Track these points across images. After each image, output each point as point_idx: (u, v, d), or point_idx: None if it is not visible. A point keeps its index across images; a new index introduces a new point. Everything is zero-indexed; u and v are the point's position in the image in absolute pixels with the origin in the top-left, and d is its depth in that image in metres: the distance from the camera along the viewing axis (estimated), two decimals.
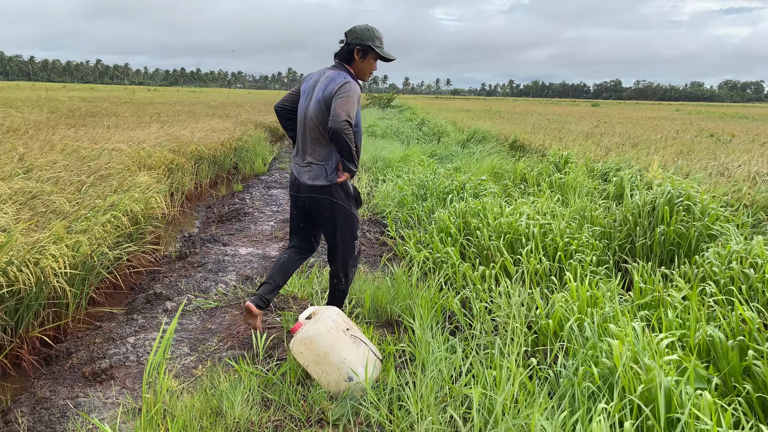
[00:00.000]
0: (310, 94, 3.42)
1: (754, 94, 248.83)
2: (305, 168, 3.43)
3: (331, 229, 3.52)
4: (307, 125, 3.40)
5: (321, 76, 3.42)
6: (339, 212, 3.46)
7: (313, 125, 3.35)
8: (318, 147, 3.37)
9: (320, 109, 3.30)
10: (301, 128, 3.48)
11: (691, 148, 11.93)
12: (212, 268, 5.11)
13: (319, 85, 3.37)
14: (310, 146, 3.41)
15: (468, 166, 9.89)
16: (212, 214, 7.93)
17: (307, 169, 3.42)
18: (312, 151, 3.40)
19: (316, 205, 3.45)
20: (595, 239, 5.34)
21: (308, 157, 3.42)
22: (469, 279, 4.63)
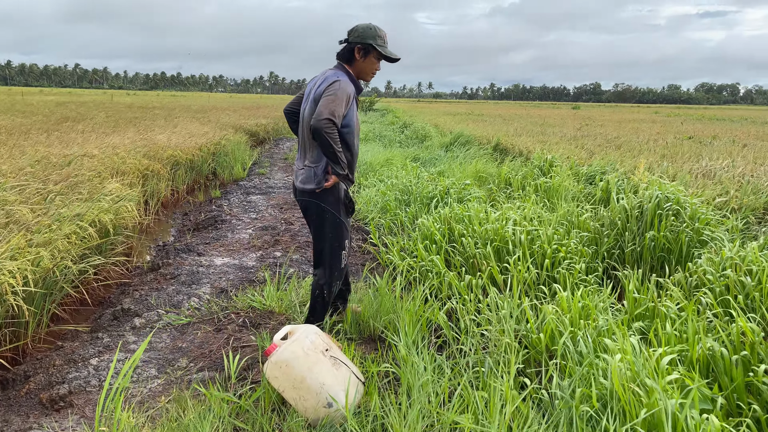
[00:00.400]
0: (308, 96, 3.34)
1: (729, 96, 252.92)
2: (300, 170, 3.37)
3: (317, 234, 3.42)
4: (304, 127, 3.34)
5: (321, 77, 3.34)
6: (326, 218, 3.35)
7: (307, 127, 3.29)
8: (311, 149, 3.30)
9: (312, 110, 3.23)
10: (300, 131, 3.44)
11: (674, 151, 11.89)
12: (186, 281, 4.86)
13: (316, 85, 3.29)
14: (305, 148, 3.35)
15: (452, 170, 9.72)
16: (188, 222, 7.66)
17: (302, 171, 3.35)
18: (307, 153, 3.34)
19: (306, 209, 3.40)
20: (583, 245, 5.19)
21: (304, 160, 3.36)
22: (456, 289, 4.44)
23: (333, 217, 3.35)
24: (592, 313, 3.63)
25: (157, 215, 8.27)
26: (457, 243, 5.59)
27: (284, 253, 5.64)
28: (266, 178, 10.82)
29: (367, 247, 6.04)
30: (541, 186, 7.51)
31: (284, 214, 7.42)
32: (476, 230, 5.44)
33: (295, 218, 7.08)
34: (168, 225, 7.88)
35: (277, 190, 9.42)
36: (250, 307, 4.12)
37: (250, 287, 4.63)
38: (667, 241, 4.87)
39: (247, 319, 3.92)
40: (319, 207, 3.33)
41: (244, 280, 4.85)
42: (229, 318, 3.99)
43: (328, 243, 3.39)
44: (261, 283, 4.74)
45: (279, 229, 6.59)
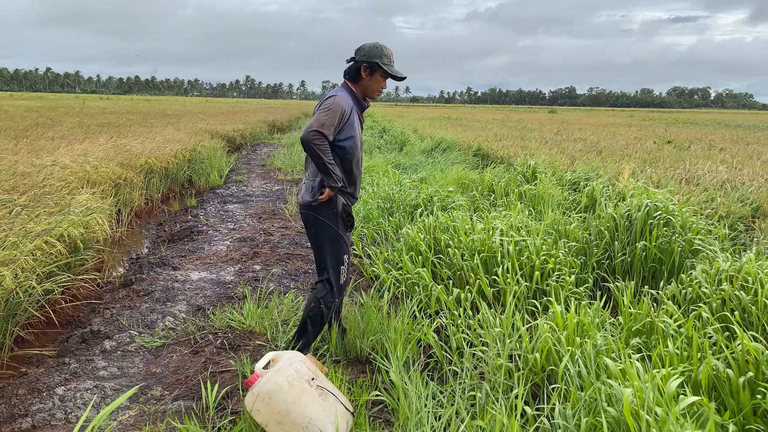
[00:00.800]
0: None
1: (701, 100, 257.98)
2: (302, 184, 3.40)
3: (316, 248, 3.38)
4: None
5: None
6: (324, 232, 3.32)
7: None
8: (310, 165, 3.34)
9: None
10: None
11: (654, 156, 11.91)
12: (160, 297, 4.61)
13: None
14: (306, 164, 3.40)
15: (434, 177, 9.58)
16: (163, 233, 7.38)
17: (303, 185, 3.37)
18: (307, 168, 3.39)
19: (305, 222, 3.38)
20: (572, 256, 5.06)
21: (307, 174, 3.38)
22: (444, 304, 4.27)
23: (331, 230, 3.30)
24: (589, 329, 3.49)
25: (131, 226, 7.97)
26: (444, 254, 5.43)
27: (264, 266, 5.43)
28: (244, 185, 10.56)
29: None
30: (525, 193, 7.40)
31: (263, 224, 7.19)
32: (462, 241, 5.28)
33: (275, 229, 6.86)
34: (142, 236, 7.60)
35: (255, 198, 9.18)
36: (228, 327, 3.90)
37: (229, 305, 4.41)
38: (659, 251, 4.76)
39: (225, 341, 3.70)
40: (316, 220, 3.30)
41: (221, 297, 4.62)
42: (206, 339, 3.77)
43: (328, 257, 3.33)
44: (240, 299, 4.52)
45: (258, 240, 6.36)
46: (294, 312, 4.12)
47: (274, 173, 12.04)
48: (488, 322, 3.72)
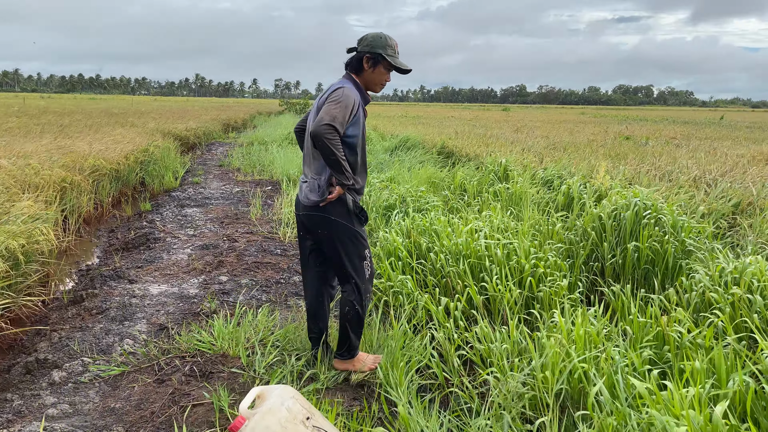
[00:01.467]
0: (315, 108, 3.15)
1: (645, 97, 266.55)
2: (304, 184, 3.18)
3: (333, 250, 3.14)
4: (308, 140, 3.14)
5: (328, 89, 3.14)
6: (339, 230, 3.09)
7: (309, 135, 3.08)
8: (313, 161, 3.11)
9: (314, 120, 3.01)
10: (305, 144, 3.24)
11: (617, 152, 11.91)
12: (116, 316, 4.12)
13: (321, 97, 3.12)
14: (309, 161, 3.16)
15: (402, 176, 9.25)
16: (116, 241, 6.81)
17: (305, 185, 3.15)
18: (311, 165, 3.14)
19: (313, 224, 3.14)
20: (561, 259, 4.81)
21: (307, 173, 3.17)
22: (434, 315, 3.94)
23: (346, 228, 3.10)
24: (595, 341, 3.22)
25: (79, 234, 7.35)
26: (426, 259, 5.10)
27: (231, 277, 4.98)
28: (201, 187, 9.99)
29: None
30: (501, 193, 7.14)
31: (226, 229, 6.70)
32: (445, 244, 4.97)
33: (240, 234, 6.39)
34: (92, 245, 7.00)
35: (214, 201, 8.65)
36: (197, 350, 3.46)
37: (195, 323, 3.96)
38: (652, 252, 4.55)
39: (195, 366, 3.27)
40: (328, 221, 3.07)
41: (186, 314, 4.16)
42: (172, 365, 3.33)
43: (348, 257, 3.12)
44: (208, 316, 4.08)
45: (222, 247, 5.89)
46: (270, 330, 3.71)
47: (233, 174, 11.48)
48: (489, 338, 3.41)
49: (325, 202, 3.03)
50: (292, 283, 4.91)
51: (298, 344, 3.49)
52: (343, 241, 3.10)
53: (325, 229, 3.09)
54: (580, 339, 3.19)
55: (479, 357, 3.37)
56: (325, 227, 3.08)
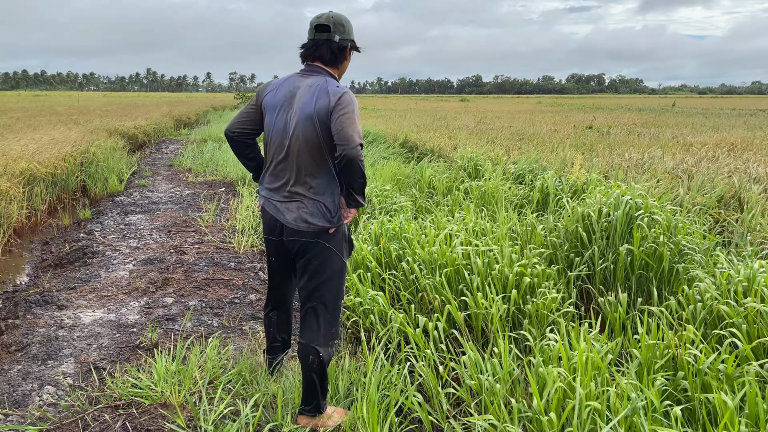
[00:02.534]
0: (289, 108, 2.63)
1: (597, 85, 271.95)
2: (289, 203, 2.63)
3: (316, 283, 2.64)
4: (292, 148, 2.60)
5: (299, 85, 2.65)
6: (331, 264, 2.66)
7: (302, 148, 2.58)
8: (310, 177, 2.60)
9: (313, 128, 2.55)
10: (278, 152, 2.65)
11: (582, 142, 11.67)
12: (38, 353, 3.50)
13: (303, 97, 2.60)
14: (296, 175, 2.61)
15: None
16: (49, 255, 6.09)
17: (295, 205, 2.62)
18: (301, 181, 2.61)
19: (303, 252, 2.64)
20: (547, 266, 4.39)
21: (296, 188, 2.62)
22: (411, 338, 3.45)
23: (339, 261, 2.69)
24: (602, 369, 2.79)
25: (8, 246, 6.60)
26: (397, 270, 4.61)
27: (178, 298, 4.38)
28: (148, 190, 9.25)
29: None
30: (473, 191, 6.70)
31: (173, 239, 6.06)
32: (418, 252, 4.49)
33: (189, 245, 5.77)
34: (22, 260, 6.26)
35: (162, 206, 7.96)
36: (133, 398, 2.89)
37: (133, 359, 3.38)
38: (646, 256, 4.16)
39: (128, 421, 2.69)
40: (324, 249, 2.62)
41: (123, 347, 3.57)
42: (101, 420, 2.75)
43: (330, 294, 2.66)
44: (148, 350, 3.49)
45: (168, 261, 5.26)
46: (222, 367, 3.16)
47: (184, 174, 10.75)
48: (479, 366, 2.94)
49: (334, 228, 2.61)
50: (248, 303, 4.35)
51: (255, 385, 2.95)
52: (332, 276, 2.65)
53: (317, 260, 2.63)
54: (583, 366, 2.75)
55: (468, 391, 2.90)
56: (320, 258, 2.63)
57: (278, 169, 2.66)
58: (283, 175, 2.65)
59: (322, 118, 2.54)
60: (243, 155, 2.87)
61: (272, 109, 2.69)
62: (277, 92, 2.70)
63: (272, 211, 2.68)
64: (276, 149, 2.66)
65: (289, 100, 2.65)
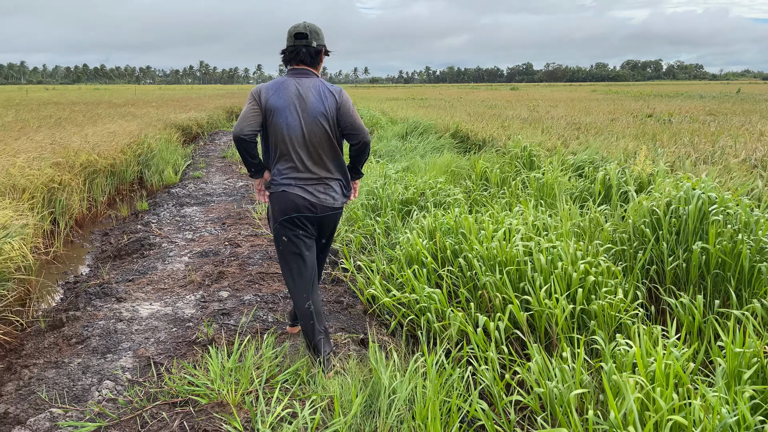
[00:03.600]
0: (299, 108, 3.11)
1: (653, 72, 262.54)
2: (317, 185, 3.21)
3: (330, 240, 3.53)
4: (311, 141, 3.14)
5: (299, 88, 3.14)
6: (337, 222, 3.49)
7: (321, 140, 3.15)
8: (329, 162, 3.22)
9: (327, 123, 3.14)
10: (296, 146, 3.14)
11: (644, 132, 11.16)
12: (98, 347, 3.52)
13: (309, 98, 3.13)
14: (318, 162, 3.19)
15: (417, 165, 8.58)
16: (108, 246, 6.21)
17: (322, 186, 3.22)
18: (323, 166, 3.21)
19: (329, 220, 3.34)
20: (614, 264, 4.16)
21: (320, 173, 3.21)
22: (472, 339, 3.31)
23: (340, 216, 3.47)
24: (683, 380, 2.58)
25: (70, 237, 6.77)
26: (454, 265, 4.47)
27: (233, 292, 4.36)
28: (203, 182, 9.36)
29: (338, 275, 4.81)
30: (531, 182, 6.46)
31: (227, 232, 6.08)
32: (475, 248, 4.32)
33: (243, 238, 5.76)
34: (83, 251, 6.41)
35: (216, 198, 8.02)
36: (190, 396, 2.85)
37: (190, 355, 3.36)
38: (723, 254, 3.88)
39: (186, 420, 2.66)
40: (340, 214, 3.40)
41: (180, 342, 3.55)
42: (159, 418, 2.72)
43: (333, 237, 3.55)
44: (204, 346, 3.46)
45: (223, 254, 5.27)
46: (278, 366, 3.09)
47: (236, 166, 10.85)
48: (547, 372, 2.77)
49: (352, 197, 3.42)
50: None
51: (312, 386, 2.87)
52: (336, 227, 3.50)
53: (335, 222, 3.40)
54: (662, 376, 2.55)
55: (536, 399, 2.74)
56: (336, 221, 3.40)
57: (298, 159, 3.13)
58: (305, 163, 3.14)
59: (332, 114, 3.12)
60: (250, 154, 3.15)
61: (281, 110, 3.09)
62: (280, 95, 3.10)
63: (301, 193, 3.15)
64: (293, 144, 3.11)
65: (295, 101, 3.10)
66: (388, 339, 3.76)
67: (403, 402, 2.68)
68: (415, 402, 2.67)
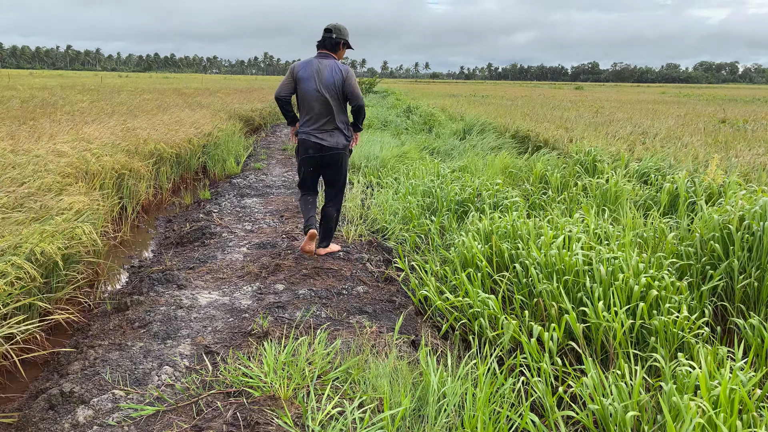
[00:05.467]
0: (317, 79, 4.68)
1: (729, 75, 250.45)
2: (327, 133, 4.78)
3: (338, 175, 4.96)
4: (323, 103, 4.70)
5: (319, 65, 4.72)
6: (346, 163, 4.98)
7: (331, 102, 4.70)
8: (337, 118, 4.77)
9: (336, 90, 4.70)
10: (316, 104, 4.72)
11: (716, 139, 10.67)
12: (159, 332, 3.65)
13: (324, 72, 4.69)
14: (330, 117, 4.74)
15: (475, 165, 8.49)
16: (171, 233, 6.43)
17: (329, 134, 4.78)
18: (334, 120, 4.75)
19: (334, 160, 4.86)
20: (678, 279, 4.01)
21: (329, 125, 4.77)
22: (526, 348, 3.26)
23: (348, 162, 5.00)
24: (749, 407, 2.46)
25: (137, 222, 7.05)
26: (508, 270, 4.40)
27: (288, 285, 4.44)
28: (263, 173, 9.57)
29: (391, 274, 4.83)
30: (591, 188, 6.29)
31: (285, 225, 6.19)
32: (532, 254, 4.24)
33: (299, 231, 5.86)
34: (148, 236, 6.67)
35: (275, 190, 8.18)
36: (244, 387, 2.92)
37: (245, 346, 3.44)
38: None
39: (239, 412, 2.72)
40: (346, 156, 4.94)
41: (236, 333, 3.65)
42: (213, 406, 2.80)
43: (342, 180, 5.01)
44: (260, 338, 3.54)
45: (280, 247, 5.37)
46: (329, 363, 3.13)
47: (296, 159, 11.03)
48: (602, 389, 2.70)
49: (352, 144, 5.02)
50: (355, 295, 4.32)
51: (361, 384, 2.89)
52: (345, 171, 5.00)
53: (342, 162, 4.90)
54: (726, 401, 2.44)
55: (590, 416, 2.67)
56: (341, 162, 4.90)
57: (316, 115, 4.74)
58: (321, 118, 4.74)
59: (339, 84, 4.67)
60: (285, 110, 4.87)
61: (306, 80, 4.69)
62: (306, 69, 4.70)
63: (312, 139, 4.76)
64: (312, 104, 4.71)
65: (315, 74, 4.68)
66: (440, 342, 3.75)
67: (453, 408, 2.66)
68: (464, 408, 2.66)
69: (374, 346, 3.41)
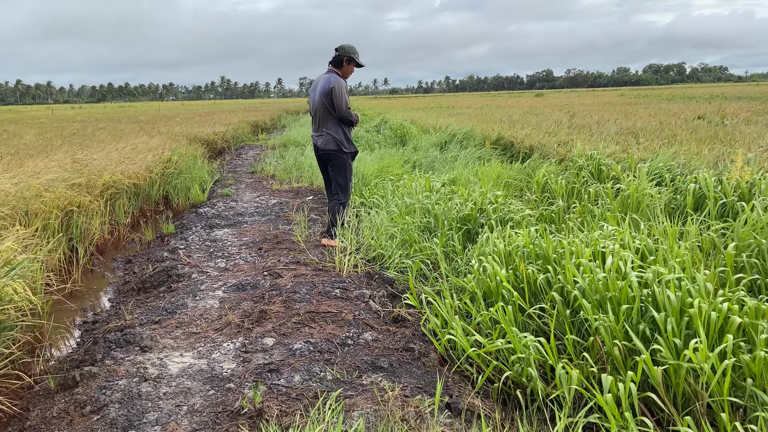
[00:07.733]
0: (317, 90, 5.74)
1: (677, 75, 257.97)
2: (321, 137, 5.75)
3: (340, 173, 5.79)
4: (318, 110, 5.73)
5: (321, 78, 5.77)
6: (347, 166, 5.82)
7: (323, 110, 5.69)
8: (327, 123, 5.71)
9: (327, 99, 5.63)
10: (315, 111, 5.79)
11: (708, 135, 10.23)
12: (117, 418, 2.78)
13: (320, 83, 5.72)
14: (322, 123, 5.73)
15: (465, 177, 7.79)
16: (132, 276, 5.52)
17: (323, 138, 5.74)
18: (324, 125, 5.72)
19: (330, 158, 5.79)
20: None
21: (321, 129, 5.75)
22: (603, 406, 2.51)
23: (346, 161, 5.80)
24: None
25: (90, 266, 6.11)
26: (543, 300, 3.67)
27: (279, 338, 3.60)
28: (232, 200, 8.68)
29: (401, 313, 4.02)
30: (608, 194, 5.62)
31: (265, 259, 5.34)
32: (573, 280, 3.52)
33: (283, 266, 5.02)
34: (104, 282, 5.73)
35: (248, 218, 7.32)
36: None
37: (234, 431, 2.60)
38: None
39: None
40: (342, 157, 5.75)
41: (220, 412, 2.80)
42: None
43: (344, 176, 5.80)
44: (251, 419, 2.71)
45: (262, 287, 4.53)
46: None
47: (267, 182, 10.17)
48: None
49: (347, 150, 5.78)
50: (363, 344, 3.51)
51: None
52: (347, 168, 5.80)
53: (338, 163, 5.72)
54: None
55: None
56: (339, 161, 5.71)
57: (316, 121, 5.77)
58: (317, 123, 5.76)
59: (328, 95, 5.57)
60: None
61: (312, 91, 5.84)
62: (314, 83, 5.81)
63: (315, 141, 5.81)
64: (314, 111, 5.78)
65: (316, 86, 5.71)
66: (478, 402, 2.97)
67: None
68: None
69: (404, 419, 2.61)
